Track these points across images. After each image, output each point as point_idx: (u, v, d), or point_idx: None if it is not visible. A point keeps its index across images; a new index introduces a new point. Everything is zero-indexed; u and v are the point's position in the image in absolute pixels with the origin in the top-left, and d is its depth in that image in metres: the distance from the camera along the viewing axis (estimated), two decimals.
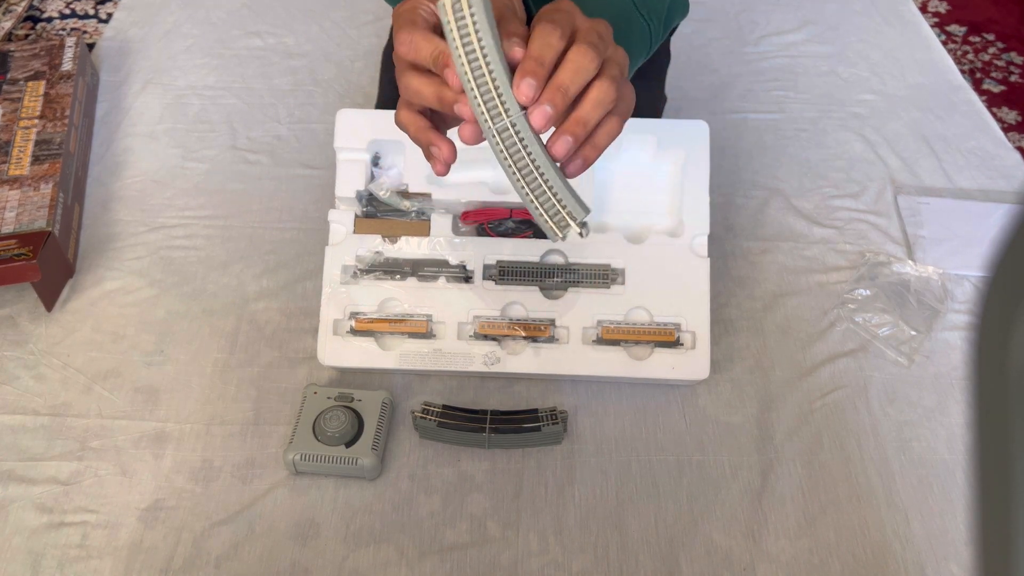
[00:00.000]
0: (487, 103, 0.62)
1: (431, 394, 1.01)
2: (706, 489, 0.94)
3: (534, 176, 0.64)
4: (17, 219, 1.09)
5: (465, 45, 0.61)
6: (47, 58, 1.34)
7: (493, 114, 0.62)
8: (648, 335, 0.97)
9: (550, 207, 0.65)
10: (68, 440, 0.97)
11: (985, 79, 1.58)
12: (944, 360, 1.06)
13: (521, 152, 0.63)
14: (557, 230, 0.66)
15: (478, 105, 0.62)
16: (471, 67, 0.61)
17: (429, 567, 0.87)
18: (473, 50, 0.60)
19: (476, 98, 0.62)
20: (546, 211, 0.65)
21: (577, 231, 0.65)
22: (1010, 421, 0.32)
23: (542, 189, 0.64)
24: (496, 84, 0.62)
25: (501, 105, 0.62)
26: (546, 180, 0.64)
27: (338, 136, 1.01)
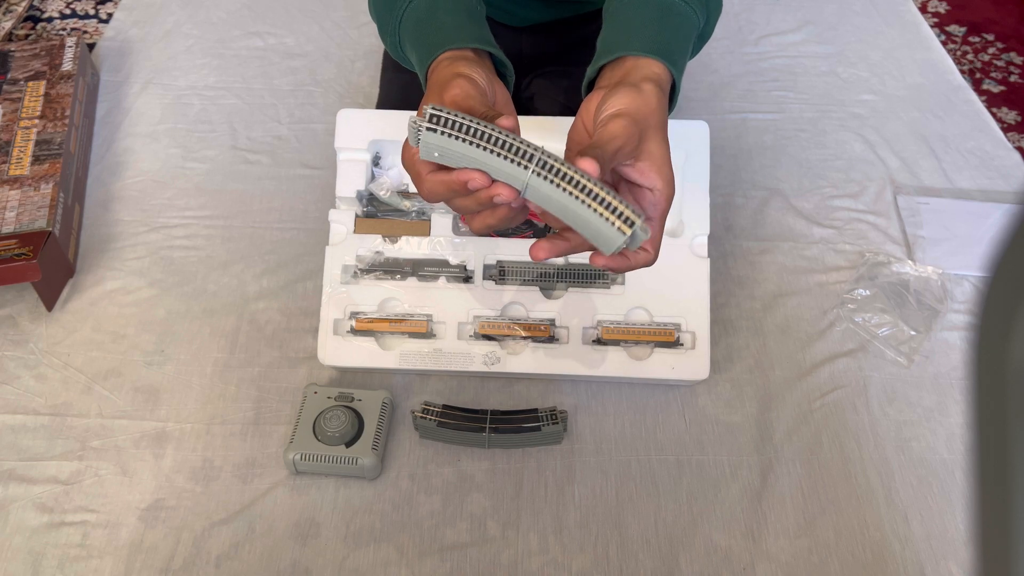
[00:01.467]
0: (514, 162, 0.64)
1: (431, 394, 1.01)
2: (706, 489, 0.94)
3: (584, 185, 0.64)
4: (17, 219, 1.09)
5: (468, 140, 0.64)
6: (47, 58, 1.34)
7: (523, 165, 0.64)
8: (648, 335, 0.98)
9: (611, 207, 0.64)
10: (68, 440, 0.97)
11: (985, 79, 1.59)
12: (943, 360, 1.06)
13: (563, 172, 0.64)
14: (625, 227, 0.64)
15: (509, 172, 0.64)
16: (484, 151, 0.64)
17: (429, 566, 0.87)
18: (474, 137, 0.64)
19: (503, 170, 0.64)
20: (611, 211, 0.64)
21: (640, 226, 0.64)
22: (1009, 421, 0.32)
23: (596, 193, 0.64)
24: (507, 144, 0.64)
25: (522, 157, 0.63)
26: (596, 185, 0.64)
27: (338, 136, 1.01)
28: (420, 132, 0.64)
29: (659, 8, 0.76)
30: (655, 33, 0.74)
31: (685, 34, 0.76)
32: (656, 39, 0.73)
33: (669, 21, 0.75)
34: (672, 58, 0.72)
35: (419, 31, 0.78)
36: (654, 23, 0.75)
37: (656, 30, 0.74)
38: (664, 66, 0.71)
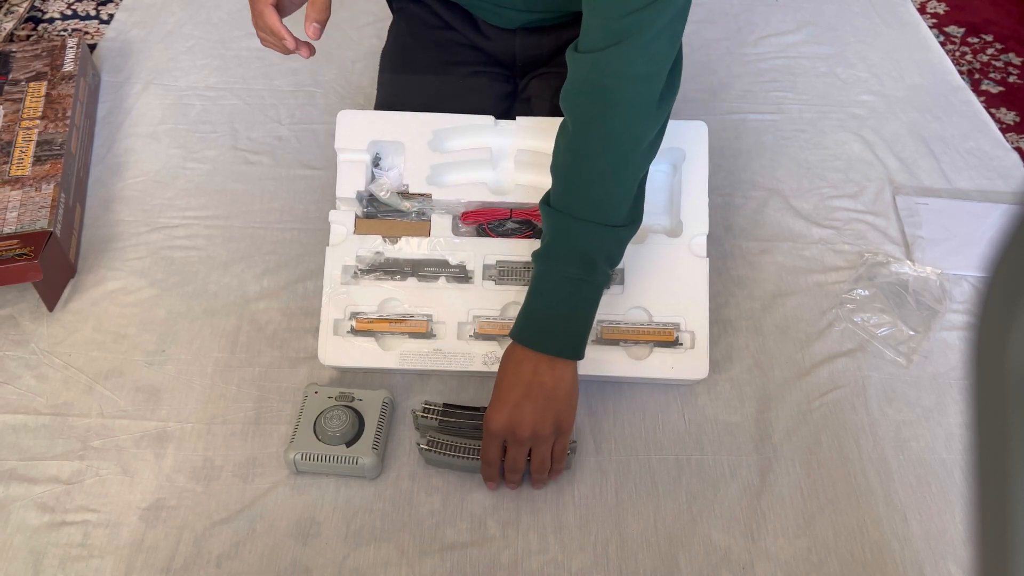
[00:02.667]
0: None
1: (431, 394, 1.02)
2: (705, 488, 0.94)
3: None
4: (19, 219, 1.09)
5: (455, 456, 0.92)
6: (49, 59, 1.34)
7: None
8: (647, 335, 0.98)
9: None
10: (69, 439, 0.97)
11: (983, 80, 1.59)
12: (942, 360, 1.06)
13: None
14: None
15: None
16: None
17: (429, 566, 0.88)
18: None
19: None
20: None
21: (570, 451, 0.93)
22: (1008, 421, 0.32)
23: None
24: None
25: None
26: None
27: (339, 137, 1.02)
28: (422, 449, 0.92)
29: (533, 285, 0.90)
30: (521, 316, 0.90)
31: (558, 298, 0.89)
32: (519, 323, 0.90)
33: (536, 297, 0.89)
34: (531, 335, 0.88)
35: None
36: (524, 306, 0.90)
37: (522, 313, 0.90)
38: (519, 346, 0.88)
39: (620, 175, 0.88)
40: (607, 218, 0.88)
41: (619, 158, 0.87)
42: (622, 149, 0.87)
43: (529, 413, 0.86)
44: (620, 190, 0.88)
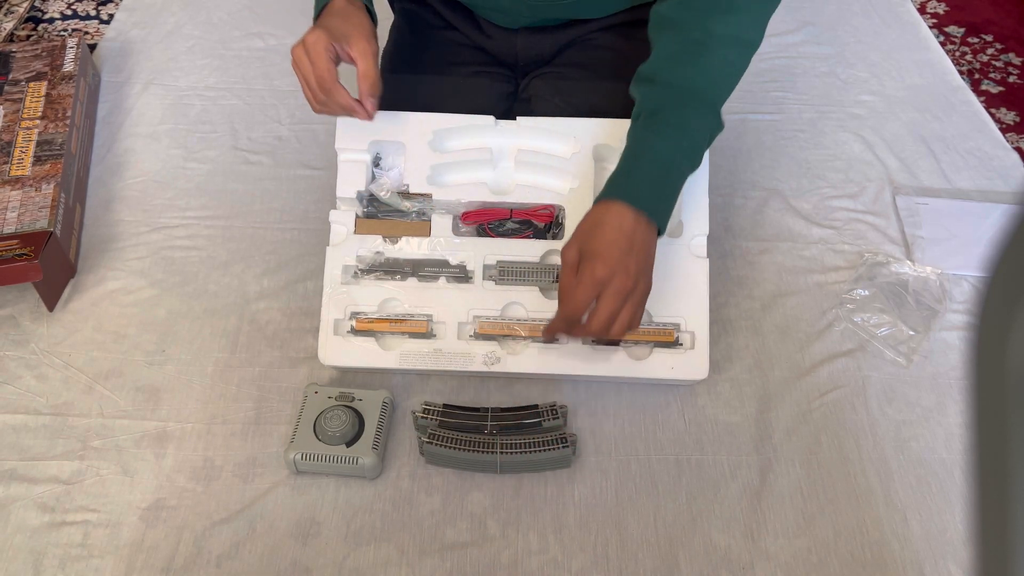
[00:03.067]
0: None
1: (431, 394, 1.02)
2: (705, 488, 0.94)
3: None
4: (19, 219, 1.09)
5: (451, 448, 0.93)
6: (49, 59, 1.34)
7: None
8: (647, 335, 0.98)
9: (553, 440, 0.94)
10: (70, 439, 0.97)
11: (983, 80, 1.59)
12: (942, 360, 1.06)
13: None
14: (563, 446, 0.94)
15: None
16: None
17: (429, 566, 0.88)
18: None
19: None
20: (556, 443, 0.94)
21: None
22: (1008, 421, 0.32)
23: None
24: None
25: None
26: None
27: (339, 137, 1.02)
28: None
29: (631, 148, 0.91)
30: (618, 173, 0.90)
31: (651, 162, 0.89)
32: (616, 179, 0.90)
33: (636, 158, 0.90)
34: (623, 190, 0.88)
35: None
36: (621, 165, 0.91)
37: (621, 170, 0.90)
38: (616, 200, 0.87)
39: (738, 63, 0.93)
40: (716, 102, 0.92)
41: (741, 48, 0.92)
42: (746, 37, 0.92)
43: (634, 266, 0.85)
44: (734, 75, 0.93)
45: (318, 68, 0.89)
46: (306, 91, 0.93)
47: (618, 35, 1.12)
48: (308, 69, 0.90)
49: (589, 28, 1.13)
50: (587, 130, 1.01)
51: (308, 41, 0.90)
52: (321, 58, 0.89)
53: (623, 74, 0.96)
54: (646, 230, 0.87)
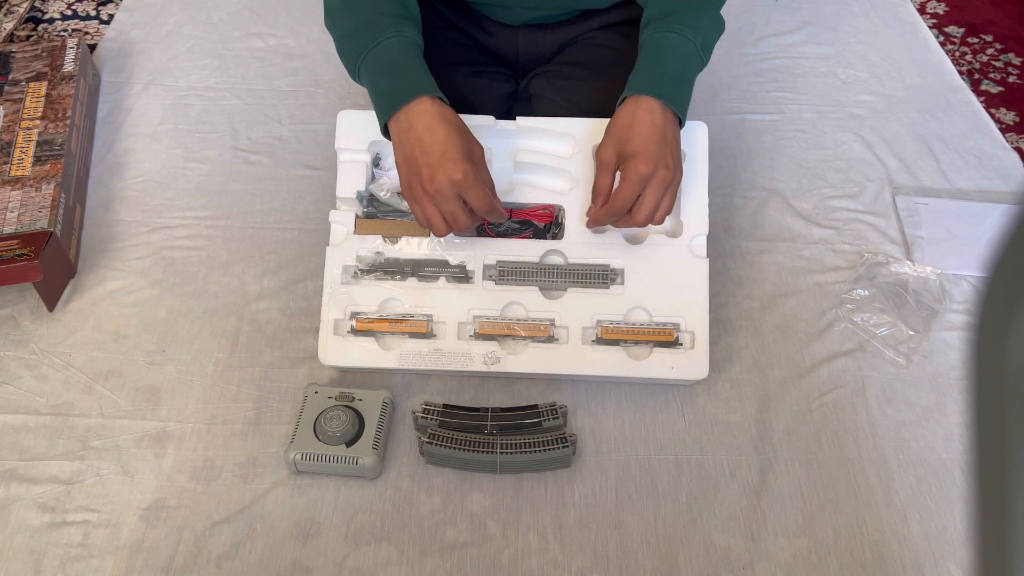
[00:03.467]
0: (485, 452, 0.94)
1: (431, 394, 1.02)
2: (705, 488, 0.94)
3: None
4: (19, 219, 1.09)
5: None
6: (49, 59, 1.34)
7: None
8: (647, 335, 0.98)
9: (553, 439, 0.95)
10: (70, 440, 0.97)
11: (983, 80, 1.59)
12: (942, 360, 1.06)
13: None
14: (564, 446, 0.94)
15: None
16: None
17: (429, 566, 0.88)
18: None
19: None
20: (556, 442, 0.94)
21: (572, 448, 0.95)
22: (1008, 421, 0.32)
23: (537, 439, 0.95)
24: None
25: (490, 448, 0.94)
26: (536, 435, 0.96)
27: (339, 137, 1.02)
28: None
29: (655, 47, 0.95)
30: (645, 72, 0.94)
31: (676, 61, 0.95)
32: (646, 77, 0.93)
33: (660, 56, 0.94)
34: (656, 87, 0.92)
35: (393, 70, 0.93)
36: (645, 63, 0.95)
37: (647, 69, 0.94)
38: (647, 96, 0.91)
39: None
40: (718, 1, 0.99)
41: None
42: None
43: (671, 157, 0.90)
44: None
45: (462, 225, 0.91)
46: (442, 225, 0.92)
47: (618, 34, 1.12)
48: (449, 205, 0.89)
49: (589, 26, 1.13)
50: (587, 130, 1.01)
51: (452, 182, 0.87)
52: (475, 191, 0.88)
53: (623, 73, 0.96)
54: (674, 122, 0.93)
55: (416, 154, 0.89)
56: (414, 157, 0.89)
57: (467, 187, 0.87)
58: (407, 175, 0.91)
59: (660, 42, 0.94)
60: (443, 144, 0.88)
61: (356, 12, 0.96)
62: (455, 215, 0.89)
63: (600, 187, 0.94)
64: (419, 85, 0.91)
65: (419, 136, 0.89)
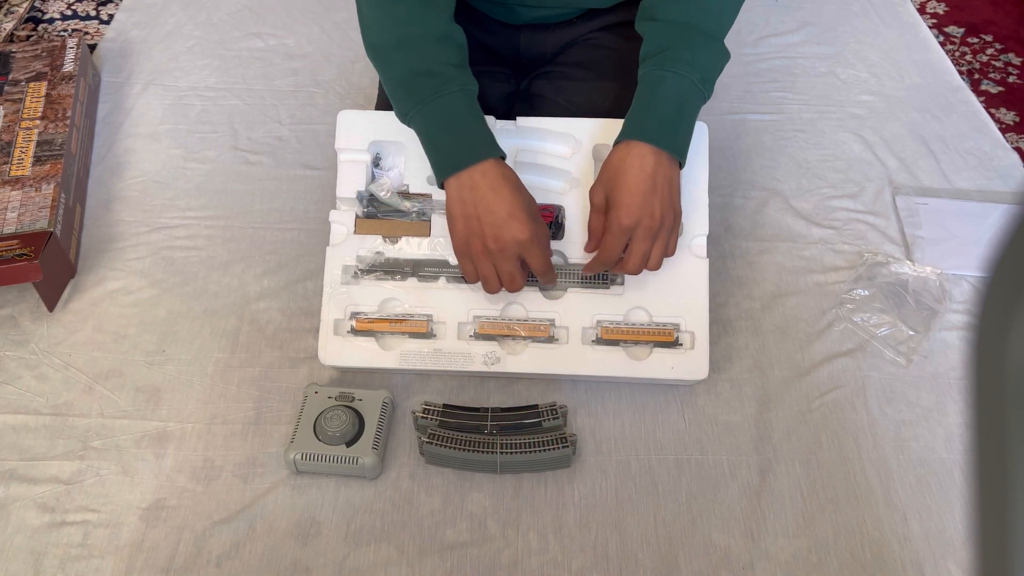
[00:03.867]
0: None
1: (431, 394, 1.02)
2: (705, 488, 0.94)
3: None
4: (19, 219, 1.09)
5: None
6: (49, 59, 1.34)
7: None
8: (647, 335, 0.98)
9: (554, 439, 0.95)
10: (70, 440, 0.97)
11: (983, 80, 1.59)
12: (942, 360, 1.06)
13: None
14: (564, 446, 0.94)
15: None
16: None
17: (429, 566, 0.88)
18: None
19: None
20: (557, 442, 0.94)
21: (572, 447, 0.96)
22: (1008, 420, 0.32)
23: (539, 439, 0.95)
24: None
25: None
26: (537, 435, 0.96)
27: (339, 137, 1.02)
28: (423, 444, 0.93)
29: (648, 87, 0.93)
30: (639, 114, 0.92)
31: (669, 100, 0.92)
32: (638, 120, 0.92)
33: (653, 96, 0.92)
34: (645, 130, 0.90)
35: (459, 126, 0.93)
36: (638, 105, 0.93)
37: (640, 111, 0.92)
38: (638, 141, 0.90)
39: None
40: (719, 33, 0.95)
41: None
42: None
43: (658, 205, 0.89)
44: (734, 5, 0.96)
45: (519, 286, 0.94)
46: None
47: (619, 35, 1.12)
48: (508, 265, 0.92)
49: (591, 27, 1.13)
50: (587, 130, 1.01)
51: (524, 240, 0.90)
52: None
53: (624, 74, 0.96)
54: (668, 166, 0.91)
55: (479, 212, 0.89)
56: (476, 216, 0.90)
57: (530, 247, 0.90)
58: (466, 233, 0.91)
59: (654, 81, 0.92)
60: (510, 204, 0.89)
61: (416, 57, 0.93)
62: (513, 275, 0.92)
63: (592, 229, 0.95)
64: (487, 146, 0.92)
65: (483, 195, 0.89)
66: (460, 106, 0.92)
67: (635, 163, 0.89)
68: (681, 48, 0.92)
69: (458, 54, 0.95)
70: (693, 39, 0.92)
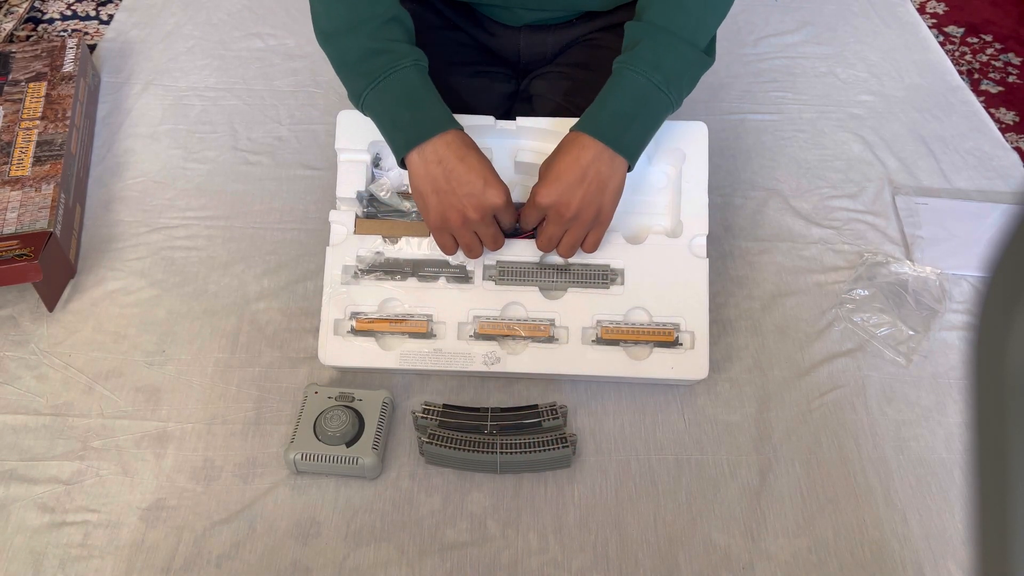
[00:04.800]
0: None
1: (431, 394, 1.02)
2: (705, 488, 0.94)
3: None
4: (19, 220, 1.09)
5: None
6: (48, 59, 1.34)
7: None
8: (647, 335, 0.98)
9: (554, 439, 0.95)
10: (70, 440, 0.97)
11: (983, 80, 1.59)
12: (942, 360, 1.06)
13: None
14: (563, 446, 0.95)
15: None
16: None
17: (429, 566, 0.88)
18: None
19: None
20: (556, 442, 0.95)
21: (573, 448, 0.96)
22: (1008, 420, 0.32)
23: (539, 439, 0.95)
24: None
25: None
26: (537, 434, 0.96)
27: (339, 137, 1.02)
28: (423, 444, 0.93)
29: (611, 82, 0.93)
30: (594, 109, 0.93)
31: (622, 96, 0.92)
32: (591, 114, 0.92)
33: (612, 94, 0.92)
34: (600, 129, 0.91)
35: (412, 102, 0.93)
36: (599, 100, 0.93)
37: (596, 106, 0.93)
38: (586, 135, 0.91)
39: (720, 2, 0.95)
40: (695, 39, 0.93)
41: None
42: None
43: (579, 197, 0.90)
44: (716, 13, 0.95)
45: (500, 245, 0.96)
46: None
47: (619, 35, 1.11)
48: (486, 229, 0.94)
49: (591, 28, 1.13)
50: None
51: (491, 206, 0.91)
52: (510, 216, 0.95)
53: None
54: (608, 163, 0.90)
55: (453, 185, 0.89)
56: (450, 189, 0.90)
57: (504, 208, 0.92)
58: (441, 207, 0.91)
59: (616, 76, 0.93)
60: (482, 172, 0.90)
61: (367, 38, 0.93)
62: (496, 237, 0.94)
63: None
64: (445, 117, 0.92)
65: (452, 167, 0.89)
66: (415, 80, 0.92)
67: (572, 152, 0.90)
68: (647, 48, 0.92)
69: (407, 36, 0.96)
70: (663, 41, 0.92)
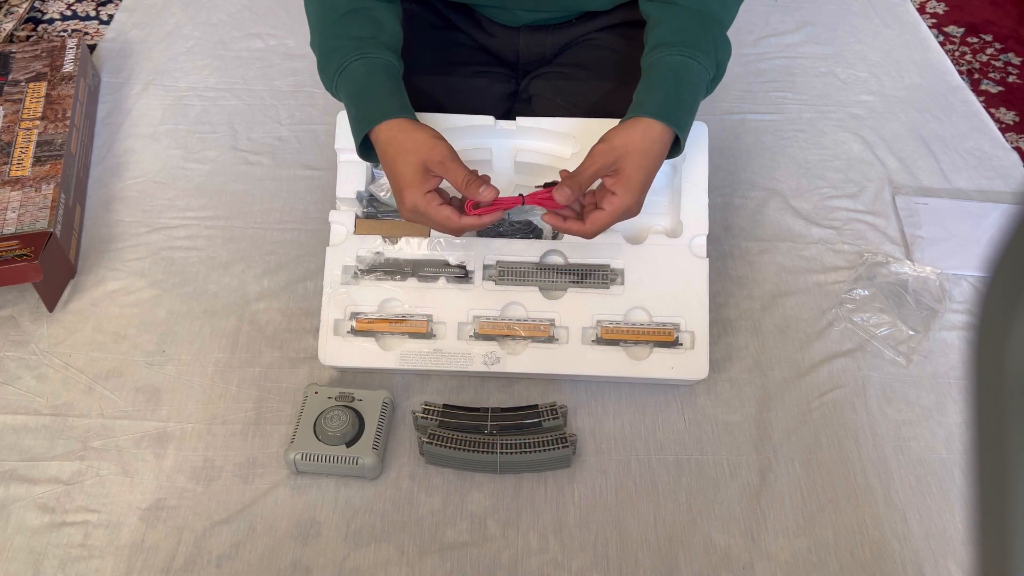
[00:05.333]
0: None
1: (431, 394, 1.02)
2: (705, 488, 0.94)
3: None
4: (19, 220, 1.09)
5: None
6: (48, 59, 1.34)
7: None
8: (647, 335, 0.98)
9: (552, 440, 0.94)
10: (70, 440, 0.97)
11: (983, 80, 1.59)
12: (942, 360, 1.06)
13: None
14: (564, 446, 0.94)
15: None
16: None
17: (429, 566, 0.88)
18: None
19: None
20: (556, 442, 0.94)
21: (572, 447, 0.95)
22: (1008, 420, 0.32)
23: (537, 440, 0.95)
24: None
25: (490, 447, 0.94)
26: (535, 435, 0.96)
27: (339, 137, 1.02)
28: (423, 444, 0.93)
29: (674, 72, 0.91)
30: (663, 96, 0.90)
31: (693, 89, 0.91)
32: (664, 102, 0.89)
33: (679, 83, 0.91)
34: (673, 116, 0.89)
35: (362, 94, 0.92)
36: (664, 87, 0.91)
37: (665, 94, 0.90)
38: (663, 124, 0.88)
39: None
40: (727, 24, 0.96)
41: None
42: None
43: (645, 196, 0.90)
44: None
45: (440, 223, 0.88)
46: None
47: (619, 35, 1.12)
48: (432, 224, 0.90)
49: (590, 28, 1.13)
50: (586, 130, 1.01)
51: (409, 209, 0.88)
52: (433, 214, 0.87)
53: (624, 74, 0.96)
54: (665, 149, 0.91)
55: (391, 180, 0.90)
56: (391, 183, 0.91)
57: (426, 213, 0.87)
58: (397, 201, 0.91)
59: (679, 68, 0.91)
60: (397, 175, 0.88)
61: (326, 36, 0.96)
62: (446, 224, 0.88)
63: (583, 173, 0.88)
64: (380, 110, 0.90)
65: (387, 164, 0.89)
66: (359, 75, 0.93)
67: (658, 150, 0.88)
68: (703, 40, 0.92)
69: (368, 27, 0.95)
70: (711, 29, 0.93)
